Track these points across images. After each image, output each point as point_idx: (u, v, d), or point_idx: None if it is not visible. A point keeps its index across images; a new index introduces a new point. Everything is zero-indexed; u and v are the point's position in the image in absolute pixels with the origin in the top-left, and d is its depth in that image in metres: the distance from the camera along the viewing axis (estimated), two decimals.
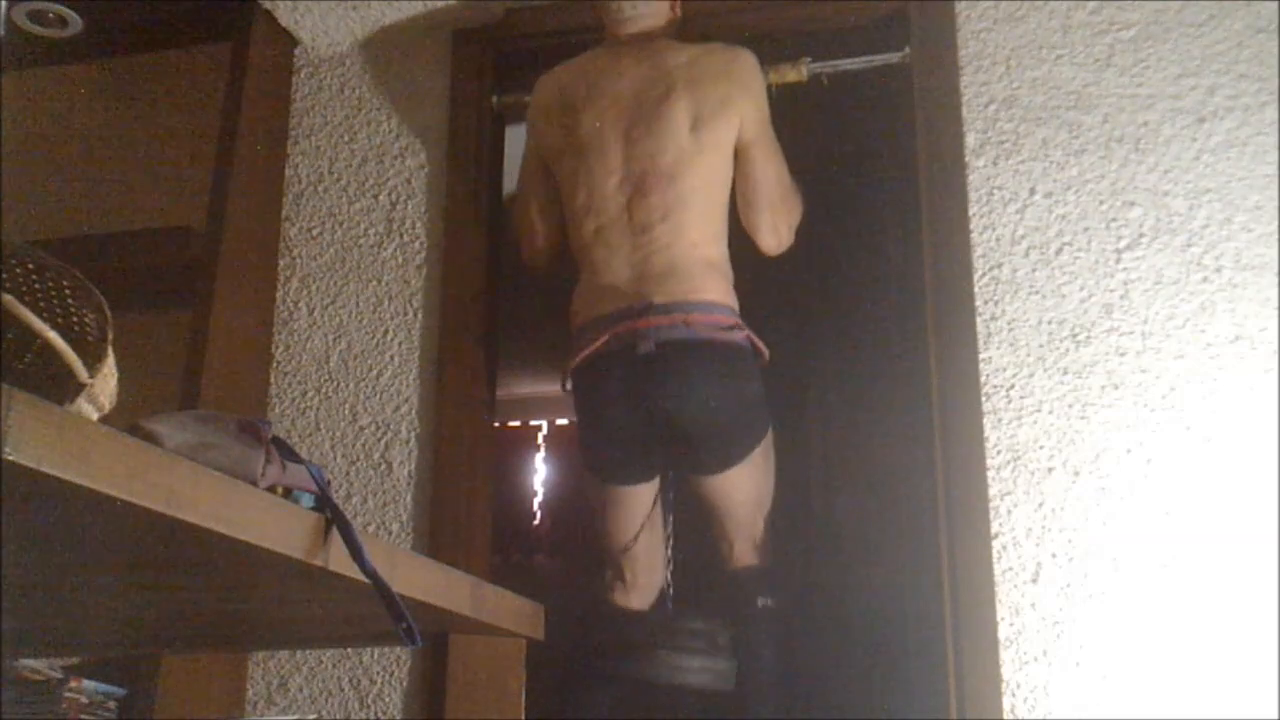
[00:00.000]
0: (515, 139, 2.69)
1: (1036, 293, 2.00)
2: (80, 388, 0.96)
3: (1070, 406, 1.93)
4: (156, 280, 2.38)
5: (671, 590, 2.20)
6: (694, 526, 2.21)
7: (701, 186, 2.01)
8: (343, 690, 2.16)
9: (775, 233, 2.12)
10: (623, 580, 2.15)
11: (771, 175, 2.09)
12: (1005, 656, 1.84)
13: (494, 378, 2.34)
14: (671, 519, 2.18)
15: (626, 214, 1.99)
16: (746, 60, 2.08)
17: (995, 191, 2.07)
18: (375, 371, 2.32)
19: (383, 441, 2.27)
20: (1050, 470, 1.91)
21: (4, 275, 1.01)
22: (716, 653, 2.02)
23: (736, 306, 2.01)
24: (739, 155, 2.06)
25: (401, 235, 2.39)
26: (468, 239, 2.35)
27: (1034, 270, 2.02)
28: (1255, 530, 1.81)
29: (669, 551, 2.18)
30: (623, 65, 2.09)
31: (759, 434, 2.03)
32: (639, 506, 2.11)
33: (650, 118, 2.01)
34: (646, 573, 2.16)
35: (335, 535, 1.04)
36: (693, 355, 1.93)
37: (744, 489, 2.06)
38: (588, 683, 2.10)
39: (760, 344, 2.00)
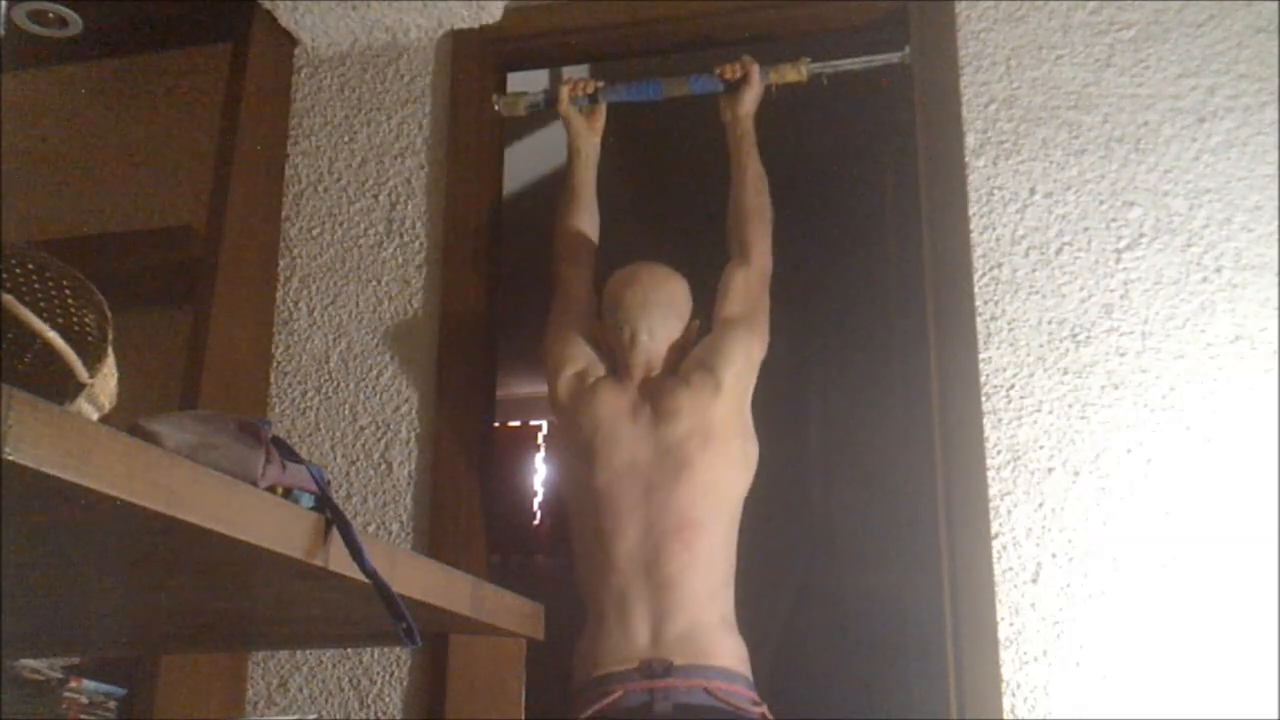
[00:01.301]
0: (515, 139, 2.69)
1: (1036, 293, 2.00)
2: (80, 388, 0.96)
3: (1070, 406, 1.93)
4: (156, 280, 2.38)
5: None
6: None
7: (725, 522, 1.97)
8: (343, 690, 2.16)
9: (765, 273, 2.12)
10: None
11: (759, 334, 2.08)
12: (1005, 656, 1.84)
13: (494, 378, 2.34)
14: None
15: (645, 572, 1.92)
16: (724, 372, 1.99)
17: (995, 191, 2.07)
18: (375, 371, 2.32)
19: (383, 441, 2.27)
20: (1050, 470, 1.91)
21: (4, 275, 1.01)
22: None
23: (750, 673, 1.93)
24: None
25: (401, 235, 2.39)
26: (468, 239, 2.35)
27: (1034, 270, 2.02)
28: (1255, 530, 1.81)
29: None
30: (638, 426, 2.00)
31: None
32: None
33: (673, 485, 1.94)
34: None
35: (335, 535, 1.04)
36: None
37: None
38: None
39: (770, 717, 1.92)
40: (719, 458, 1.96)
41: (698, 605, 1.91)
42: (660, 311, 2.07)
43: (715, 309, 2.09)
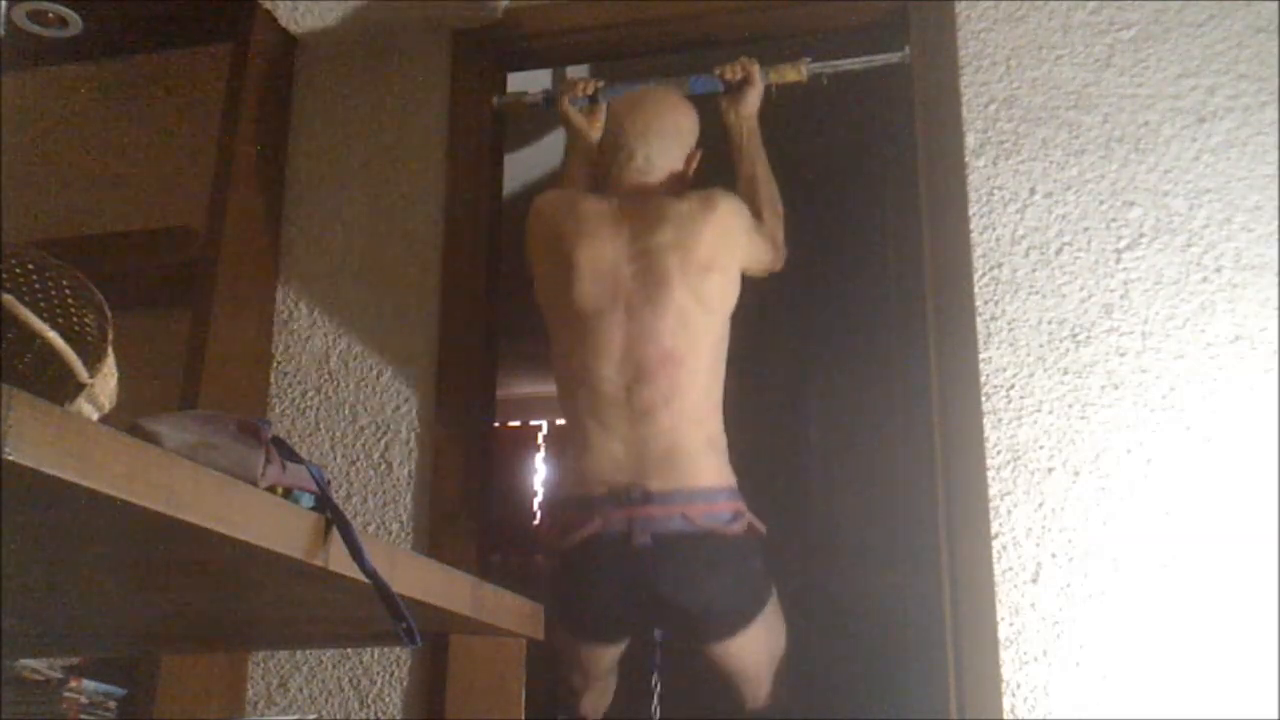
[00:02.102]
0: (515, 138, 2.69)
1: (1036, 293, 2.00)
2: (80, 388, 0.96)
3: (1070, 406, 1.93)
4: (156, 280, 2.38)
5: None
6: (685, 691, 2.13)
7: (706, 361, 1.96)
8: (343, 690, 2.16)
9: (769, 271, 2.13)
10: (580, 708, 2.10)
11: (767, 261, 2.10)
12: (1005, 656, 1.84)
13: (494, 378, 2.34)
14: (658, 681, 2.10)
15: (625, 396, 1.92)
16: (727, 207, 2.01)
17: (995, 191, 2.07)
18: (375, 371, 2.32)
19: (383, 441, 2.27)
20: (1050, 470, 1.91)
21: (4, 275, 1.01)
22: None
23: (735, 483, 1.95)
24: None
25: (401, 235, 2.39)
26: (468, 239, 2.35)
27: (1034, 270, 2.02)
28: (1255, 530, 1.81)
29: (656, 704, 2.09)
30: (620, 238, 1.99)
31: (761, 603, 1.96)
32: (609, 660, 2.06)
33: (653, 302, 1.94)
34: (599, 700, 2.11)
35: (335, 535, 1.04)
36: (691, 549, 1.87)
37: (752, 650, 1.98)
38: None
39: (758, 525, 1.94)
40: (695, 286, 1.95)
41: (679, 431, 1.91)
42: (660, 140, 2.08)
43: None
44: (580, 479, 1.95)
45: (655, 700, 2.07)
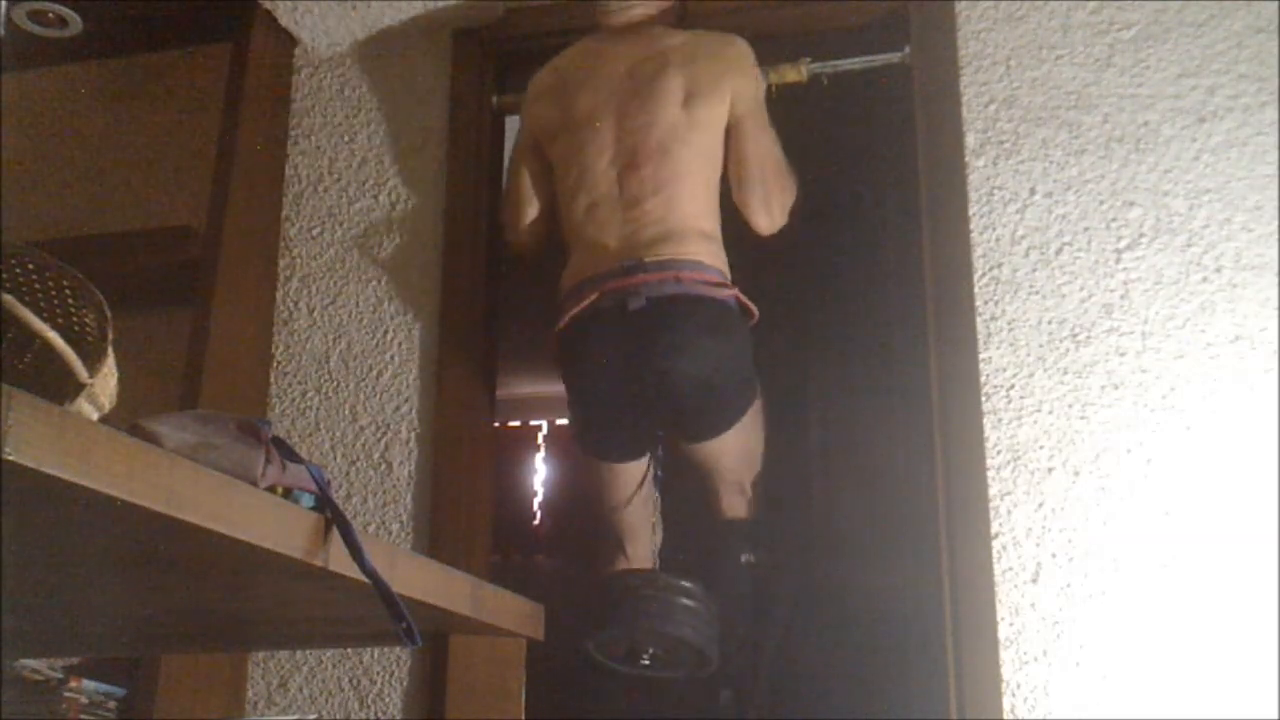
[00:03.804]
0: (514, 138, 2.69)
1: (1036, 293, 2.00)
2: (80, 388, 0.96)
3: (1070, 406, 1.93)
4: (156, 280, 2.38)
5: (660, 555, 2.20)
6: (684, 494, 2.22)
7: (693, 161, 2.00)
8: (343, 690, 2.16)
9: (767, 210, 2.09)
10: (623, 551, 2.15)
11: (763, 152, 2.08)
12: (1005, 656, 1.84)
13: (494, 378, 2.34)
14: (659, 484, 2.17)
15: (618, 188, 1.98)
16: (739, 44, 2.10)
17: (995, 191, 2.07)
18: (375, 371, 2.32)
19: (383, 441, 2.27)
20: (1050, 470, 1.91)
21: (4, 275, 1.01)
22: (703, 611, 2.02)
23: (727, 270, 2.00)
24: (731, 132, 2.06)
25: (401, 235, 2.39)
26: (468, 239, 2.35)
27: (1034, 270, 2.02)
28: (1255, 530, 1.81)
29: (658, 517, 2.18)
30: (618, 49, 2.10)
31: (749, 397, 2.02)
32: (631, 479, 2.11)
33: (643, 94, 2.02)
34: (641, 541, 2.17)
35: (335, 535, 1.04)
36: (684, 310, 1.92)
37: (733, 450, 2.07)
38: (592, 664, 2.10)
39: (749, 304, 2.00)
40: (691, 87, 2.01)
41: (670, 219, 1.96)
42: None
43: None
44: (578, 268, 2.01)
45: (657, 508, 2.16)
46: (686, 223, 1.97)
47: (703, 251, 1.97)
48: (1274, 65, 2.02)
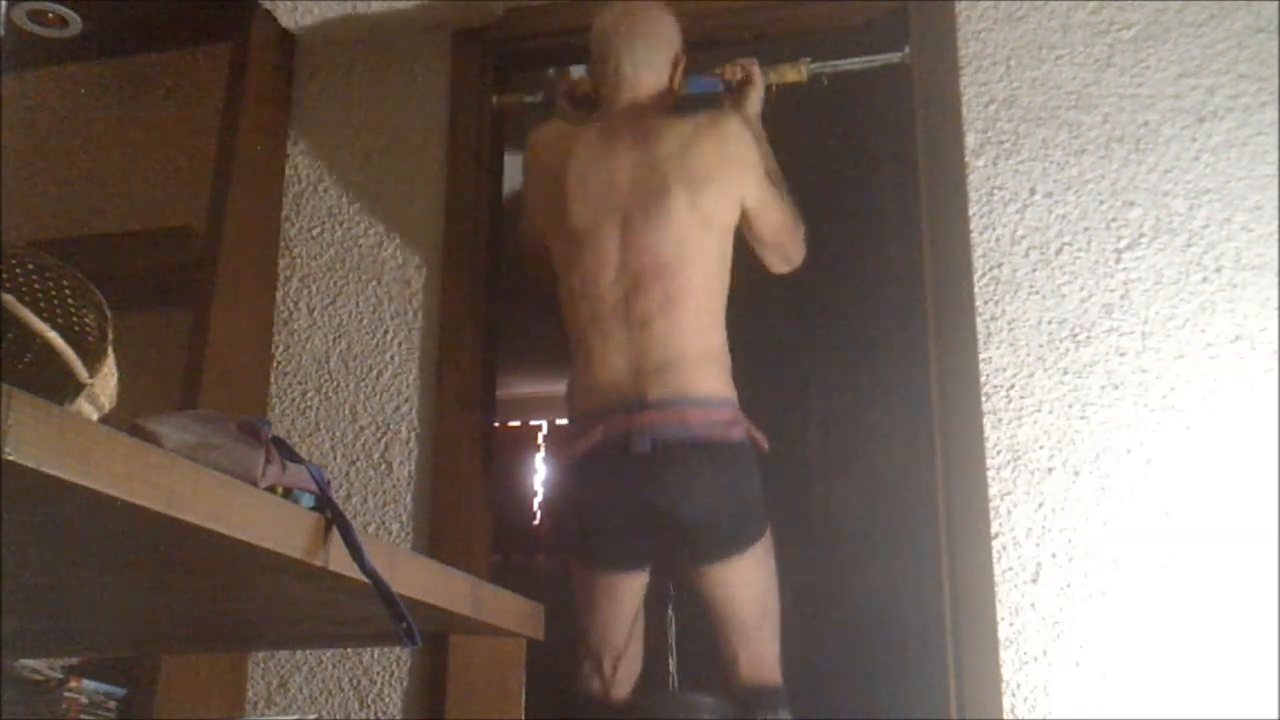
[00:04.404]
0: (515, 138, 2.69)
1: (1036, 293, 2.00)
2: (80, 388, 0.96)
3: (1070, 406, 1.93)
4: (156, 280, 2.39)
5: (676, 680, 2.12)
6: (696, 616, 2.08)
7: (701, 276, 1.95)
8: (343, 690, 2.16)
9: (786, 263, 2.11)
10: (601, 676, 2.01)
11: (776, 223, 2.05)
12: (1005, 656, 1.84)
13: (494, 378, 2.34)
14: (673, 609, 2.10)
15: (624, 306, 1.93)
16: (732, 124, 2.01)
17: (995, 191, 2.07)
18: (375, 371, 2.32)
19: (383, 441, 2.27)
20: (1050, 470, 1.91)
21: (4, 275, 1.01)
22: None
23: (735, 397, 1.94)
24: (745, 216, 2.02)
25: (401, 235, 2.39)
26: (468, 239, 2.35)
27: (1034, 270, 2.02)
28: (1255, 530, 1.81)
29: (672, 641, 2.09)
30: (617, 153, 2.00)
31: (757, 529, 1.94)
32: (629, 597, 2.00)
33: (649, 209, 1.94)
34: (628, 668, 2.04)
35: (335, 535, 1.04)
36: (690, 455, 1.87)
37: (745, 585, 1.94)
38: None
39: (760, 437, 1.93)
40: (694, 198, 1.94)
41: (677, 340, 1.91)
42: (644, 42, 2.07)
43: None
44: (583, 394, 1.97)
45: (671, 636, 2.07)
46: (694, 343, 1.92)
47: (710, 379, 1.91)
48: (1274, 65, 2.02)
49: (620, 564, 1.98)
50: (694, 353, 1.91)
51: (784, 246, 2.09)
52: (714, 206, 1.96)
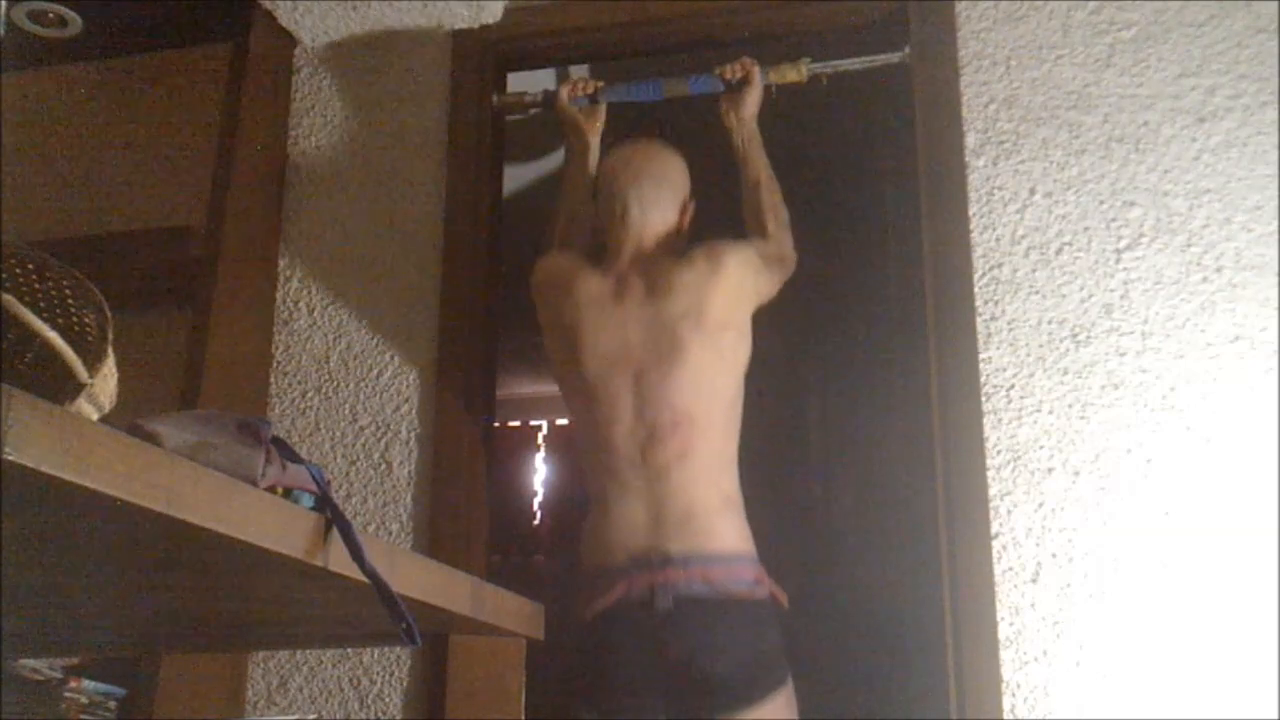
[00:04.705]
0: (515, 138, 2.69)
1: (1036, 293, 2.00)
2: (80, 388, 0.96)
3: (1070, 406, 1.93)
4: (156, 280, 2.39)
5: None
6: None
7: (720, 418, 1.94)
8: (343, 690, 2.16)
9: (786, 274, 2.11)
10: None
11: (780, 277, 2.07)
12: (1005, 656, 1.84)
13: (494, 378, 2.34)
14: None
15: (640, 458, 1.91)
16: (733, 264, 1.98)
17: (995, 191, 2.07)
18: (375, 371, 2.32)
19: (383, 441, 2.27)
20: (1050, 470, 1.91)
21: (4, 275, 1.01)
22: None
23: (754, 550, 1.93)
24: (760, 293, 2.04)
25: (401, 235, 2.39)
26: (468, 239, 2.35)
27: (1034, 270, 2.02)
28: (1255, 530, 1.81)
29: None
30: (627, 307, 1.97)
31: (779, 679, 1.91)
32: None
33: (665, 369, 1.92)
34: None
35: (335, 535, 1.04)
36: (712, 611, 1.85)
37: None
38: None
39: (780, 594, 1.92)
40: (710, 346, 1.93)
41: (696, 490, 1.89)
42: (653, 185, 2.05)
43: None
44: (602, 547, 1.93)
45: None
46: (712, 492, 1.91)
47: (730, 534, 1.90)
48: (1274, 65, 2.02)
49: (636, 716, 1.93)
50: (712, 501, 1.90)
51: (780, 282, 2.09)
52: (732, 348, 1.96)
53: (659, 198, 2.05)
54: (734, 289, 1.97)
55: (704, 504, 1.89)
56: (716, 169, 2.23)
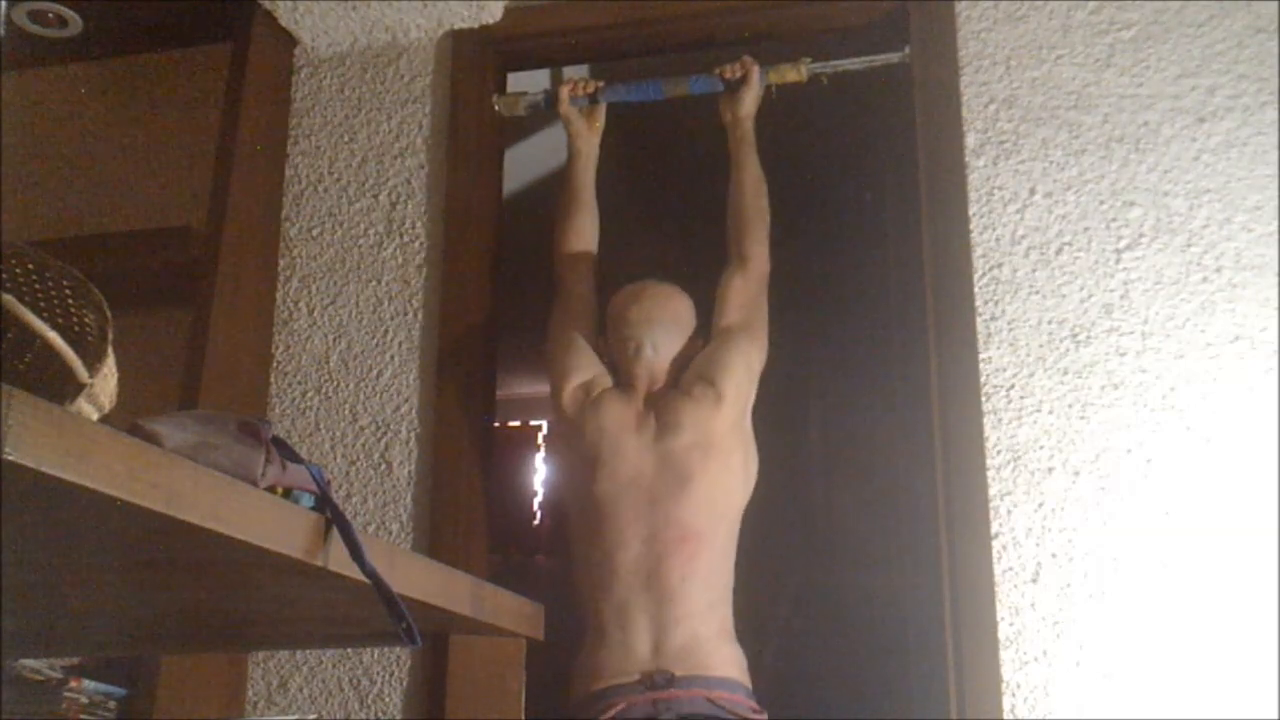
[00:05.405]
0: (515, 139, 2.69)
1: (1036, 293, 2.00)
2: (80, 388, 0.96)
3: (1070, 406, 1.93)
4: (156, 280, 2.39)
5: None
6: None
7: (723, 541, 1.97)
8: (343, 690, 2.16)
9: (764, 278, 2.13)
10: None
11: (760, 341, 2.09)
12: (1005, 656, 1.84)
13: (494, 378, 2.34)
14: None
15: (645, 581, 1.93)
16: (728, 381, 2.01)
17: (995, 191, 2.07)
18: (375, 371, 2.32)
19: (383, 441, 2.27)
20: (1050, 470, 1.91)
21: (4, 275, 1.01)
22: None
23: (749, 682, 1.94)
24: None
25: (401, 235, 2.39)
26: (468, 239, 2.35)
27: (1034, 270, 2.02)
28: (1255, 530, 1.81)
29: None
30: (643, 436, 2.01)
31: None
32: None
33: (677, 495, 1.95)
34: None
35: (335, 535, 1.04)
36: None
37: None
38: None
39: None
40: (721, 470, 1.98)
41: (698, 616, 1.91)
42: (664, 327, 2.09)
43: (715, 317, 2.09)
44: (599, 672, 1.92)
45: None
46: (711, 620, 1.92)
47: (729, 664, 1.92)
48: (1274, 65, 2.02)
49: None
50: (711, 630, 1.92)
51: (762, 296, 2.12)
52: (742, 465, 2.00)
53: (670, 337, 2.09)
54: (735, 412, 2.01)
55: (704, 634, 1.91)
56: (717, 168, 2.23)
